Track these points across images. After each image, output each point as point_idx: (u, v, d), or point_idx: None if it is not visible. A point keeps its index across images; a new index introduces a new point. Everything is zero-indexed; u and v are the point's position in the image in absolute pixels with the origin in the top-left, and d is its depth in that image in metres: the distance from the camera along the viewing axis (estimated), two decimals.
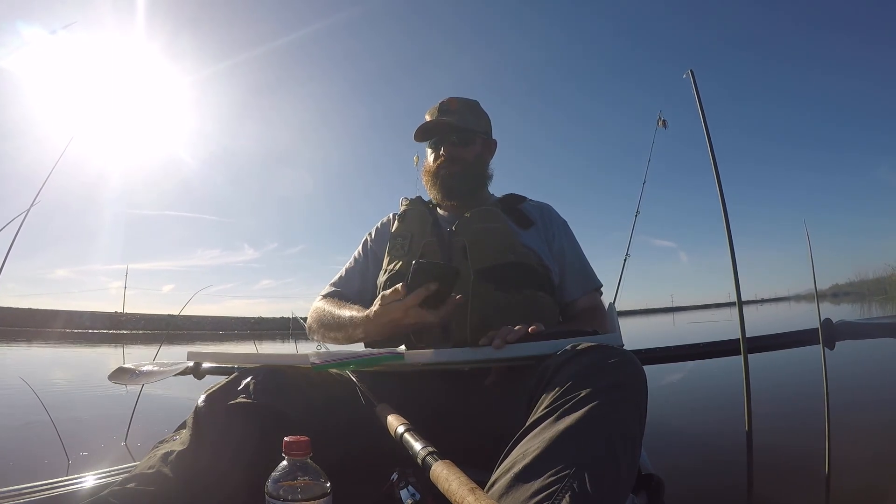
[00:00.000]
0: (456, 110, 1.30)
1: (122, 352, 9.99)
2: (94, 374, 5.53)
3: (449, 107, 1.31)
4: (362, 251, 1.38)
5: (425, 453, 0.63)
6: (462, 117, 1.30)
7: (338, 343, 1.20)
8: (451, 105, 1.31)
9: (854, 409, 2.65)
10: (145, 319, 42.31)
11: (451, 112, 1.30)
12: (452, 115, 1.29)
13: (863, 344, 1.41)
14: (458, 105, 1.32)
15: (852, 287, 30.88)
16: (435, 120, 1.29)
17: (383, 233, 1.37)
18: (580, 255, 1.31)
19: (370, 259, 1.35)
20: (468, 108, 1.33)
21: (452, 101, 1.32)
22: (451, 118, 1.28)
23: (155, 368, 1.62)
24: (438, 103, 1.32)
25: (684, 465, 1.87)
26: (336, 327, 1.17)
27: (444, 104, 1.32)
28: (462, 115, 1.31)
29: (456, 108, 1.31)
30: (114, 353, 9.82)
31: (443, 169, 1.27)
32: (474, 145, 1.30)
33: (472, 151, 1.30)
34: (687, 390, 3.30)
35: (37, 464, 1.89)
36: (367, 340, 1.17)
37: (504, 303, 1.08)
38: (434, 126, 1.28)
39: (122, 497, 0.75)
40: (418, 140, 1.33)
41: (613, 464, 0.63)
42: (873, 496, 1.47)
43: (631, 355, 0.76)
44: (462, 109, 1.32)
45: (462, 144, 1.28)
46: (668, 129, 2.41)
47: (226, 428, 0.83)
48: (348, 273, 1.35)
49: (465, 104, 1.33)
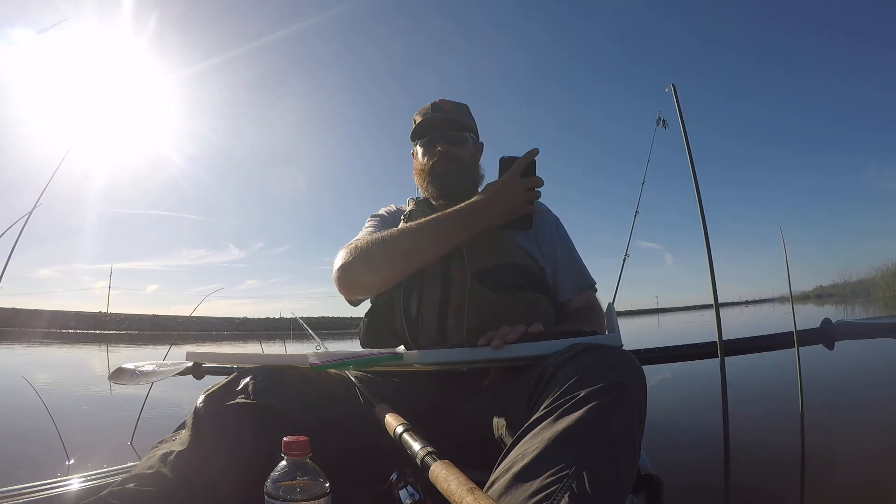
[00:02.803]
0: (448, 110, 1.30)
1: (121, 352, 10.00)
2: (94, 374, 5.54)
3: (442, 107, 1.30)
4: (378, 220, 1.32)
5: (424, 453, 0.63)
6: (455, 116, 1.29)
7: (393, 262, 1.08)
8: (444, 105, 1.31)
9: (857, 408, 2.65)
10: (129, 319, 42.33)
11: (443, 111, 1.29)
12: (445, 115, 1.28)
13: (862, 344, 1.42)
14: (450, 106, 1.31)
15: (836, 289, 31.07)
16: (430, 117, 1.27)
17: (392, 218, 1.33)
18: (573, 253, 1.30)
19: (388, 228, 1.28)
20: (460, 110, 1.32)
21: (444, 102, 1.32)
22: (441, 115, 1.28)
23: (154, 368, 1.62)
24: (430, 104, 1.31)
25: (684, 466, 1.87)
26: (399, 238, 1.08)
27: (437, 104, 1.31)
28: (455, 114, 1.30)
29: (448, 109, 1.30)
30: (114, 352, 9.82)
31: (438, 166, 1.25)
32: (468, 144, 1.30)
33: (467, 150, 1.29)
34: (687, 390, 3.30)
35: (38, 463, 1.89)
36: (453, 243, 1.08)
37: (500, 304, 1.08)
38: (433, 123, 1.27)
39: (122, 497, 0.75)
40: (415, 138, 1.31)
41: (613, 464, 0.63)
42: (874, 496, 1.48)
43: (630, 356, 0.76)
44: (454, 109, 1.31)
45: (457, 143, 1.27)
46: (667, 129, 2.40)
47: (225, 428, 0.83)
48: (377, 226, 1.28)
49: (456, 105, 1.33)
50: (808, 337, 1.39)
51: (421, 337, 1.11)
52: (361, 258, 1.10)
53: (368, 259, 1.09)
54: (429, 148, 1.28)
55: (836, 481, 1.58)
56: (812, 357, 1.40)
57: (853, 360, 3.79)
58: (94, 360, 8.28)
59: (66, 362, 7.71)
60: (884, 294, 20.38)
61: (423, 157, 1.30)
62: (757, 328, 2.15)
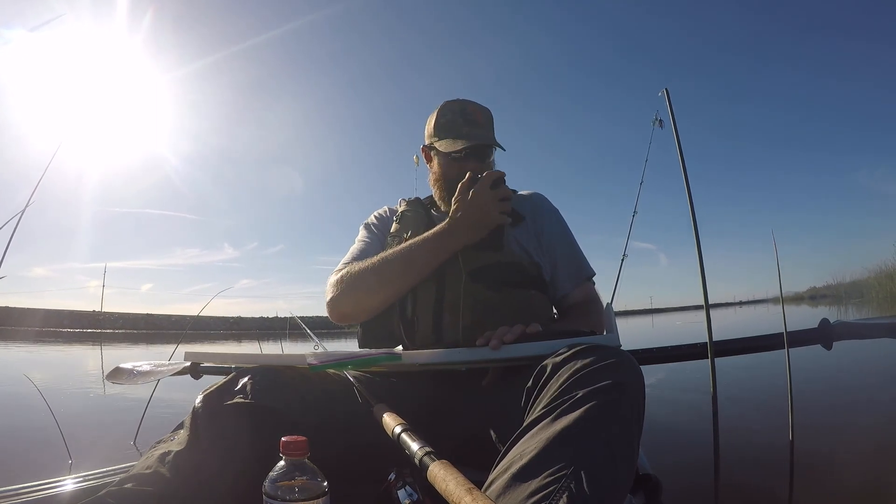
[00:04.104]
0: (482, 124, 1.25)
1: (119, 351, 9.99)
2: (93, 373, 5.53)
3: (476, 118, 1.24)
4: (369, 234, 1.31)
5: (422, 453, 0.63)
6: (487, 133, 1.25)
7: (379, 290, 1.12)
8: (478, 117, 1.25)
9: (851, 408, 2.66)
10: (123, 318, 42.22)
11: (478, 126, 1.24)
12: (480, 131, 1.24)
13: (860, 345, 1.43)
14: (483, 118, 1.26)
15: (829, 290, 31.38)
16: (472, 145, 1.20)
17: (383, 225, 1.32)
18: (572, 244, 1.29)
19: (380, 241, 1.29)
20: (490, 122, 1.28)
21: (477, 111, 1.26)
22: (479, 134, 1.23)
23: (153, 368, 1.62)
24: (460, 108, 1.25)
25: (684, 466, 1.87)
26: (383, 268, 1.11)
27: (470, 114, 1.24)
28: (487, 129, 1.26)
29: (482, 122, 1.25)
30: (111, 352, 9.80)
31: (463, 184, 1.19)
32: (490, 160, 1.27)
33: (490, 167, 1.26)
34: (687, 389, 3.30)
35: (39, 462, 1.89)
36: (433, 264, 1.11)
37: (495, 302, 1.08)
38: (470, 148, 1.20)
39: (120, 497, 0.75)
40: (446, 150, 1.22)
41: (611, 464, 0.63)
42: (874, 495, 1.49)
43: (629, 356, 0.76)
44: (486, 123, 1.26)
45: (484, 160, 1.24)
46: (664, 128, 2.41)
47: (223, 428, 0.83)
48: (365, 247, 1.27)
49: (487, 117, 1.27)
50: (806, 337, 1.39)
51: (417, 336, 1.12)
52: (348, 291, 1.15)
53: (356, 291, 1.14)
54: (455, 162, 1.22)
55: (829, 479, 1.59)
56: (812, 357, 1.41)
57: (852, 360, 3.80)
58: (92, 359, 8.26)
59: (63, 361, 7.69)
60: (877, 295, 20.48)
61: (447, 168, 1.24)
62: (752, 329, 2.18)
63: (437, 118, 1.27)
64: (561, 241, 1.27)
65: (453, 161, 1.22)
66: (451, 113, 1.25)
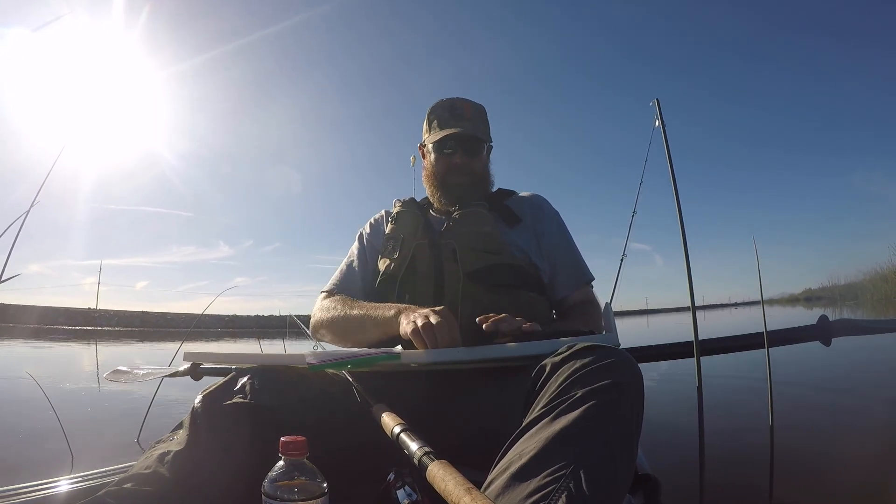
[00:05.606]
0: (470, 118, 1.27)
1: (118, 350, 9.95)
2: (92, 372, 5.52)
3: (464, 113, 1.27)
4: (360, 249, 1.34)
5: (421, 453, 0.63)
6: (475, 126, 1.27)
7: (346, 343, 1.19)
8: (466, 112, 1.28)
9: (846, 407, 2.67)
10: (119, 316, 42.02)
11: (465, 119, 1.27)
12: (467, 123, 1.26)
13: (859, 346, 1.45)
14: (472, 112, 1.29)
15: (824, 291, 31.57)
16: (455, 132, 1.24)
17: (378, 231, 1.35)
18: (572, 248, 1.30)
19: (369, 257, 1.32)
20: (479, 116, 1.30)
21: (466, 106, 1.29)
22: (465, 126, 1.25)
23: (152, 368, 1.62)
24: (450, 104, 1.29)
25: (683, 466, 1.87)
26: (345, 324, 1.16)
27: (458, 109, 1.28)
28: (475, 123, 1.28)
29: (470, 116, 1.27)
30: (113, 350, 9.77)
31: (453, 178, 1.25)
32: (482, 155, 1.29)
33: (481, 161, 1.28)
34: (687, 389, 3.30)
35: (41, 461, 1.88)
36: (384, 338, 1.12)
37: (493, 303, 1.08)
38: (453, 137, 1.25)
39: (119, 497, 0.75)
40: (429, 139, 1.28)
41: (610, 464, 0.63)
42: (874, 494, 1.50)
43: (628, 355, 0.76)
44: (475, 117, 1.29)
45: (474, 155, 1.26)
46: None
47: (222, 428, 0.83)
48: (349, 271, 1.31)
49: (476, 112, 1.30)
50: (805, 334, 1.40)
51: None
52: (323, 327, 1.23)
53: (328, 331, 1.23)
54: (444, 158, 1.26)
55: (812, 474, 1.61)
56: (812, 357, 1.42)
57: (851, 361, 3.82)
58: (91, 357, 8.24)
59: (62, 359, 7.66)
60: (872, 297, 20.58)
61: (436, 163, 1.28)
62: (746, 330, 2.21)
63: (428, 115, 1.31)
64: (561, 244, 1.28)
65: (441, 156, 1.27)
66: (441, 109, 1.29)
